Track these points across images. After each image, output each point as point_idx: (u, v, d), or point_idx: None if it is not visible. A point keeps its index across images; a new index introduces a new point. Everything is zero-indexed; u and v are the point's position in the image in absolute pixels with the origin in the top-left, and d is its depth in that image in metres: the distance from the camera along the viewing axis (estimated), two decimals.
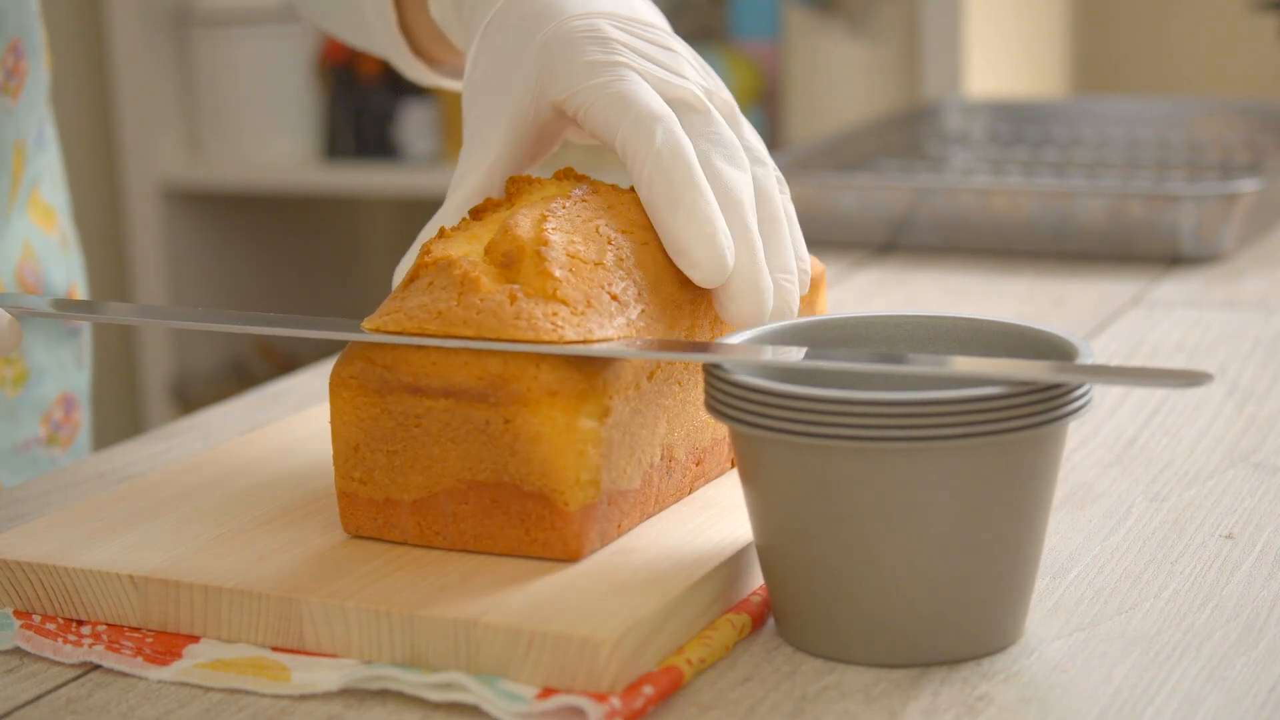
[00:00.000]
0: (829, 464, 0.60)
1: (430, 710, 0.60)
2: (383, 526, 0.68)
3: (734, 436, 0.63)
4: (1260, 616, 0.65)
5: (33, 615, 0.67)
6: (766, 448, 0.61)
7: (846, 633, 0.62)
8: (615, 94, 0.71)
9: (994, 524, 0.61)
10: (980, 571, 0.61)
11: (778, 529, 0.62)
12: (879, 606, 0.61)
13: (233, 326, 0.72)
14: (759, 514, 0.63)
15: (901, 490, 0.60)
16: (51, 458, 0.99)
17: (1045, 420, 0.60)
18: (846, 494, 0.60)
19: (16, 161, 0.93)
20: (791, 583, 0.63)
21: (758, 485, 0.63)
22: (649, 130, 0.70)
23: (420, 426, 0.66)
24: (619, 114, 0.71)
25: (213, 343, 2.73)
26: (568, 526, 0.65)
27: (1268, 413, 0.89)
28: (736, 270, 0.69)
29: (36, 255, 0.98)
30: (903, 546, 0.60)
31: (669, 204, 0.69)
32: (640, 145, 0.70)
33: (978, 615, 0.62)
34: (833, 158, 1.48)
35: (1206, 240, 1.25)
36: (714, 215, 0.68)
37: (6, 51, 0.90)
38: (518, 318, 0.65)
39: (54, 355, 0.99)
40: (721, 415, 0.62)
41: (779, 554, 0.63)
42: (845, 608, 0.62)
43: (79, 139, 2.59)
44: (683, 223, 0.68)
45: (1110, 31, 2.43)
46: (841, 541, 0.61)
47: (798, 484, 0.61)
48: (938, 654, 0.62)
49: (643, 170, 0.69)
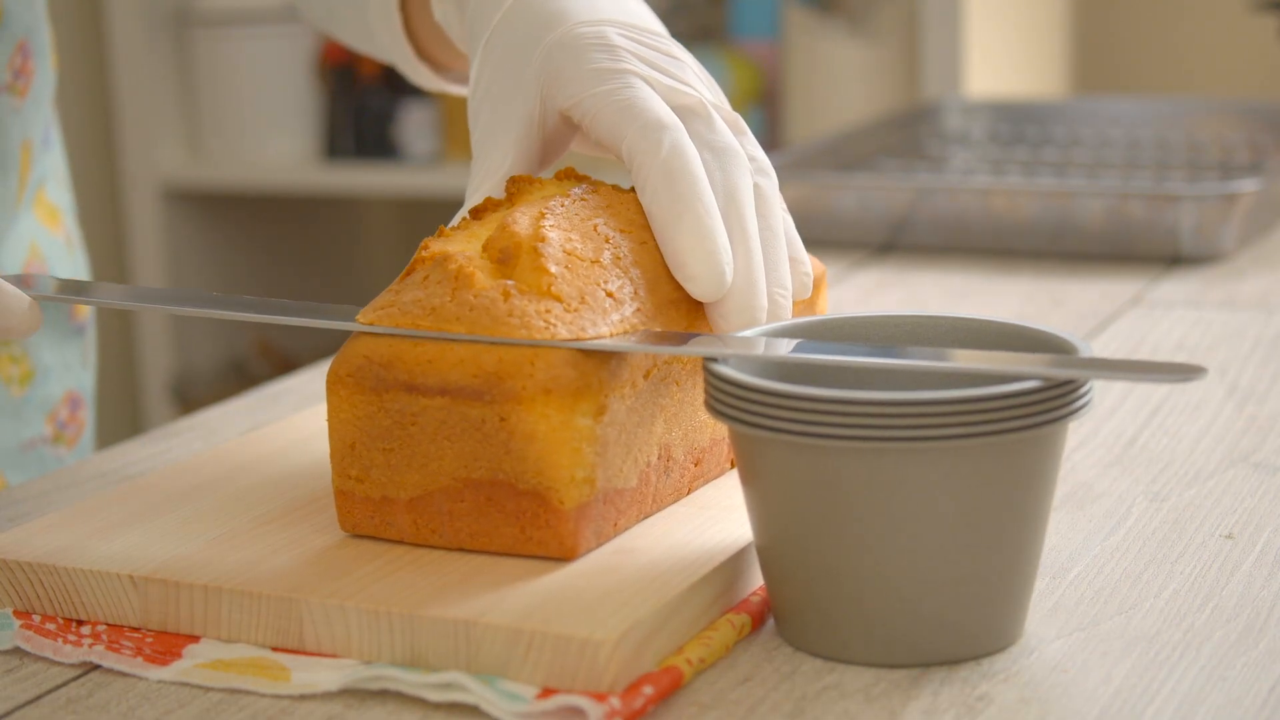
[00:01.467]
0: (829, 464, 0.60)
1: (430, 710, 0.60)
2: (379, 524, 0.68)
3: (734, 436, 0.63)
4: (1260, 616, 0.65)
5: (33, 615, 0.67)
6: (766, 447, 0.61)
7: (846, 633, 0.62)
8: (622, 101, 0.71)
9: (994, 524, 0.61)
10: (981, 571, 0.61)
11: (778, 529, 0.62)
12: (879, 606, 0.61)
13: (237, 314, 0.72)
14: (759, 514, 0.63)
15: (901, 490, 0.60)
16: (57, 456, 0.99)
17: (1046, 420, 0.60)
18: (846, 494, 0.60)
19: (24, 161, 0.93)
20: (791, 583, 0.63)
21: (757, 485, 0.63)
22: (655, 139, 0.69)
23: (416, 424, 0.66)
24: (626, 122, 0.70)
25: (213, 343, 2.73)
26: (563, 525, 0.65)
27: (1268, 413, 0.89)
28: (734, 287, 0.68)
29: (43, 255, 0.99)
30: (903, 546, 0.60)
31: (672, 217, 0.68)
32: (646, 154, 0.69)
33: (978, 615, 0.62)
34: (833, 158, 1.48)
35: (1206, 240, 1.25)
36: (715, 230, 0.68)
37: (14, 51, 0.90)
38: (510, 315, 0.65)
39: (60, 354, 1.00)
40: (721, 415, 0.62)
41: (779, 554, 0.63)
42: (845, 608, 0.62)
43: (79, 139, 2.59)
44: (684, 237, 0.68)
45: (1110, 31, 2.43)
46: (841, 542, 0.61)
47: (797, 484, 0.61)
48: (938, 654, 0.62)
49: (648, 179, 0.69)
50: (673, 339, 0.66)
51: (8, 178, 0.92)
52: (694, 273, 0.68)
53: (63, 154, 1.04)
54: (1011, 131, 1.64)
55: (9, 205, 0.93)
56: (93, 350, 1.04)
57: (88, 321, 1.03)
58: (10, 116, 0.91)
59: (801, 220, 1.37)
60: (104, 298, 0.74)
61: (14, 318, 0.70)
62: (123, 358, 2.71)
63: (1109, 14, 2.43)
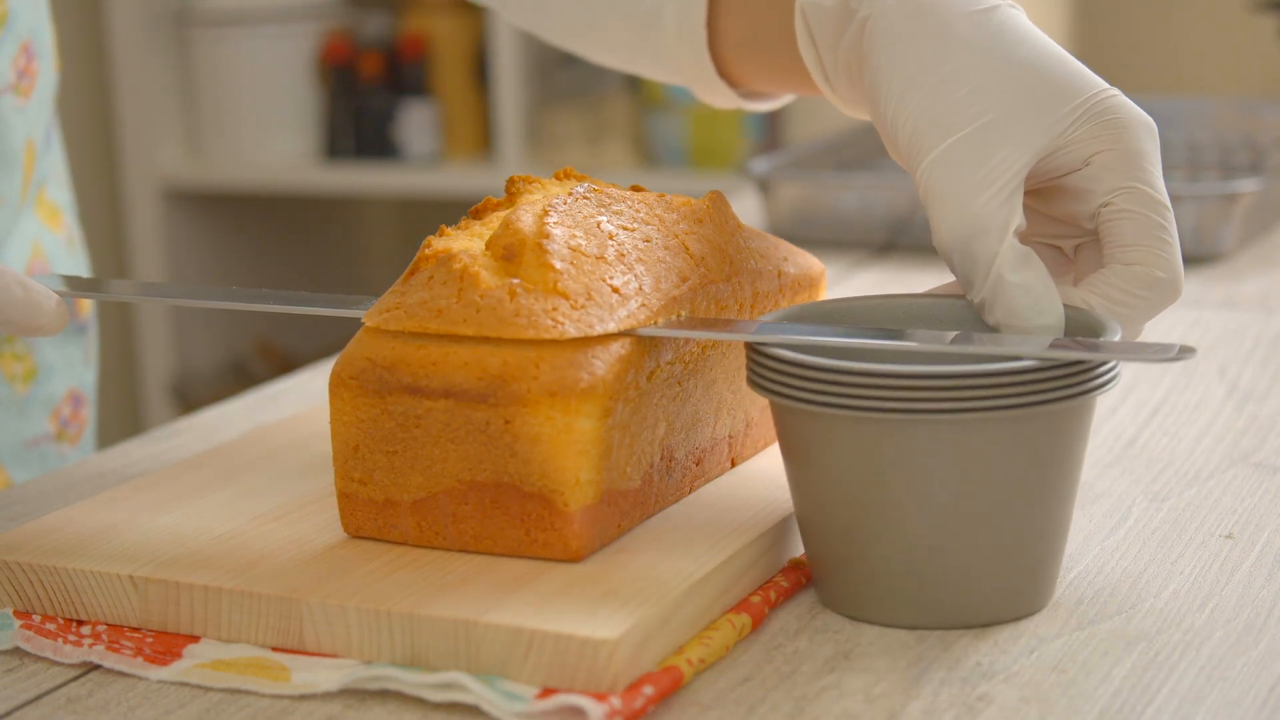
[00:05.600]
0: (877, 435, 0.62)
1: (430, 710, 0.60)
2: (383, 527, 0.68)
3: (777, 411, 0.65)
4: (1260, 616, 0.65)
5: (33, 615, 0.67)
6: (813, 421, 0.63)
7: (891, 597, 0.64)
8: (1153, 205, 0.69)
9: (1032, 491, 0.63)
10: (1020, 536, 0.64)
11: (823, 499, 0.64)
12: (923, 571, 0.64)
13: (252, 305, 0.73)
14: (803, 485, 0.65)
15: (945, 459, 0.62)
16: (60, 454, 1.00)
17: (1079, 393, 0.62)
18: (893, 464, 0.62)
19: (27, 161, 0.93)
20: (835, 550, 0.65)
21: (802, 457, 0.65)
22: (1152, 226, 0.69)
23: (420, 427, 0.66)
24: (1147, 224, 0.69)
25: (213, 343, 2.73)
26: (567, 527, 0.65)
27: (1268, 413, 0.89)
28: None
29: (45, 254, 0.99)
30: (946, 513, 0.63)
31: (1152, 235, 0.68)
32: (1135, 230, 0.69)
33: (1016, 578, 0.64)
34: (833, 158, 1.48)
35: (1206, 240, 1.25)
36: None
37: (19, 52, 0.90)
38: (517, 314, 0.65)
39: (63, 352, 1.00)
40: (767, 391, 0.64)
41: (823, 523, 0.65)
42: (891, 573, 0.64)
43: (79, 139, 2.59)
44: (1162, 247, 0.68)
45: (1110, 31, 2.43)
46: (886, 509, 0.63)
47: (844, 455, 0.63)
48: (978, 616, 0.64)
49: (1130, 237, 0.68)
50: (717, 324, 0.68)
51: (12, 177, 0.92)
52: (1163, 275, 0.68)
53: (62, 154, 1.04)
54: None
55: (13, 205, 0.93)
56: (95, 349, 1.04)
57: (90, 320, 1.03)
58: (14, 116, 0.91)
59: (801, 220, 1.38)
60: (119, 293, 0.75)
61: (44, 316, 0.70)
62: (123, 357, 2.71)
63: (1109, 14, 2.43)
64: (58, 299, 0.71)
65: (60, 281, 0.75)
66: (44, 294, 0.70)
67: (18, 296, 0.70)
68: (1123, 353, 0.63)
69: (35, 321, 0.70)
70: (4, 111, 0.90)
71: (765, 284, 0.74)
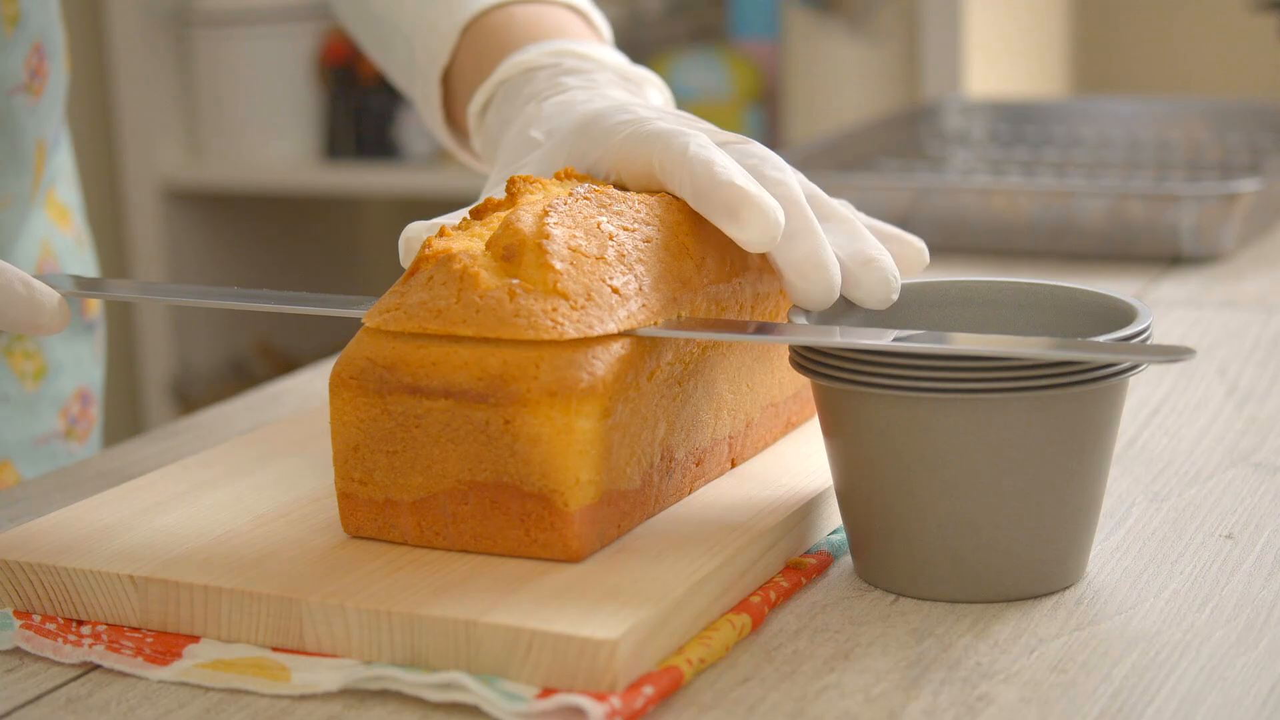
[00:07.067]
0: (919, 414, 0.64)
1: (430, 710, 0.60)
2: (383, 527, 0.68)
3: (819, 391, 0.67)
4: (1260, 616, 0.65)
5: (33, 615, 0.67)
6: (855, 400, 0.65)
7: (931, 571, 0.66)
8: (646, 132, 0.72)
9: (1067, 468, 0.65)
10: (1056, 512, 0.66)
11: (864, 476, 0.66)
12: (962, 545, 0.65)
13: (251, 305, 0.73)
14: (844, 463, 0.67)
15: (986, 437, 0.64)
16: (69, 451, 1.00)
17: (1113, 374, 0.65)
18: (935, 441, 0.64)
19: (38, 161, 0.94)
20: (876, 525, 0.67)
21: (843, 436, 0.66)
22: (681, 144, 0.70)
23: (420, 427, 0.66)
24: (649, 144, 0.71)
25: (213, 343, 2.73)
26: (568, 527, 0.65)
27: (1268, 413, 0.89)
28: (801, 248, 0.68)
29: (55, 254, 1.00)
30: (985, 489, 0.65)
31: (709, 185, 0.68)
32: (674, 157, 0.70)
33: (1052, 553, 0.66)
34: (833, 158, 1.48)
35: (1206, 240, 1.25)
36: (755, 183, 0.68)
37: (31, 52, 0.90)
38: (517, 315, 0.65)
39: (72, 350, 1.01)
40: (811, 372, 0.66)
41: (864, 499, 0.67)
42: (931, 547, 0.66)
43: (80, 139, 2.59)
44: (725, 189, 0.68)
45: (1110, 31, 2.43)
46: (928, 485, 0.65)
47: (884, 434, 0.65)
48: (1017, 589, 0.66)
49: (681, 176, 0.69)
50: (717, 325, 0.69)
51: (23, 177, 0.92)
52: (744, 217, 0.67)
53: (70, 154, 1.04)
54: (1011, 131, 1.64)
55: (24, 204, 0.94)
56: (102, 347, 1.05)
57: (98, 318, 1.04)
58: (26, 116, 0.91)
59: None
60: (127, 293, 0.75)
61: (45, 315, 0.71)
62: (124, 357, 2.71)
63: (1109, 14, 2.43)
64: (60, 298, 0.71)
65: (70, 281, 0.76)
66: (46, 293, 0.71)
67: (20, 294, 0.70)
68: (1122, 353, 0.63)
69: (37, 320, 0.71)
70: (16, 111, 0.90)
71: (765, 284, 0.74)
